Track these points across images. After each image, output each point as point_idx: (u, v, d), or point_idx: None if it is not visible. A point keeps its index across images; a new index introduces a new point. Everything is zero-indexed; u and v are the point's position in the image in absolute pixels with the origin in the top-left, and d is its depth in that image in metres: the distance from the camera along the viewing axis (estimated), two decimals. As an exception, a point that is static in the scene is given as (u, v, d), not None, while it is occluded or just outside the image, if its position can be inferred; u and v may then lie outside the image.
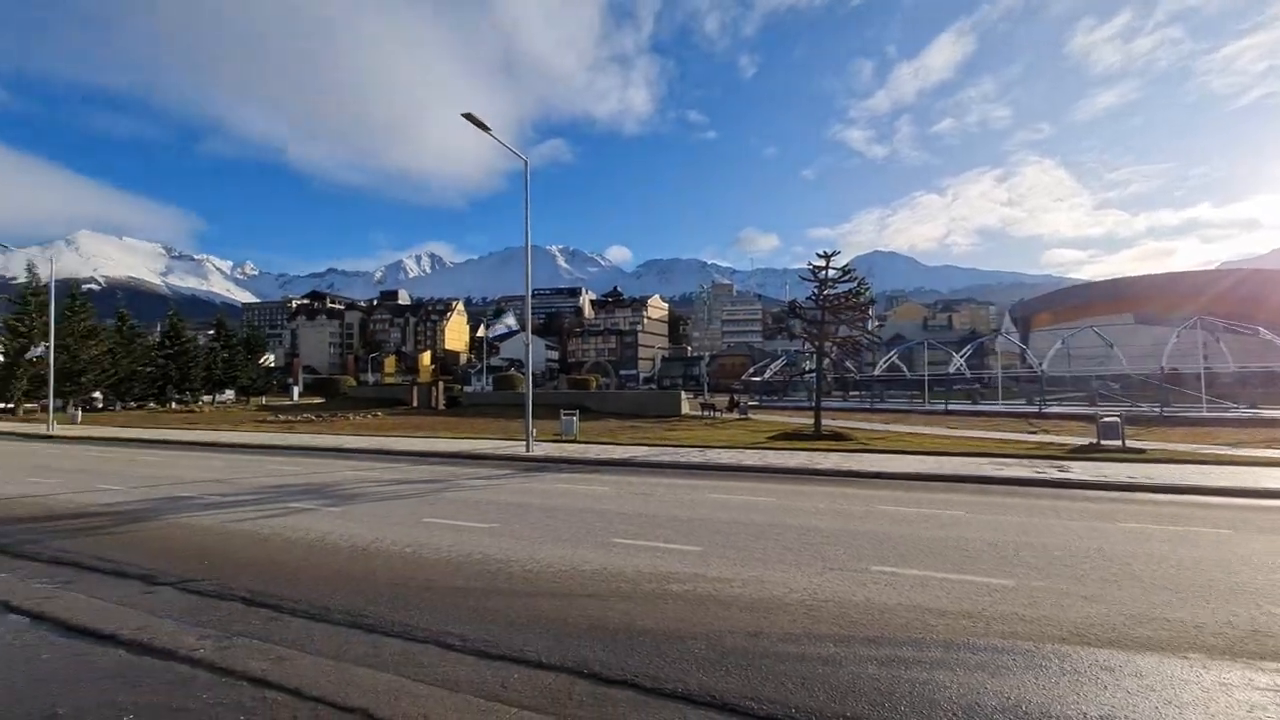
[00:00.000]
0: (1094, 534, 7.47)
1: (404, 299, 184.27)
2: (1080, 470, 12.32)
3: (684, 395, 34.79)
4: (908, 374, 43.53)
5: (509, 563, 6.43)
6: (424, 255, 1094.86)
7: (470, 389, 53.15)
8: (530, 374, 19.62)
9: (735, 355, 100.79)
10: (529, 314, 20.25)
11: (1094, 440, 15.66)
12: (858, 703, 3.57)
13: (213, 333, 60.27)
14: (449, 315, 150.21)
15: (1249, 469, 12.22)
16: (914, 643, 4.36)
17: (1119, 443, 15.12)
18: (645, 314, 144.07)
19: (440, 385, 43.25)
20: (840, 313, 20.05)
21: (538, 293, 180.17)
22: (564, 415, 21.42)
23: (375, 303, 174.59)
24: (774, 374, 48.46)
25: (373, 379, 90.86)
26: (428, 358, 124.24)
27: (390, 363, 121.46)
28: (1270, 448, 15.03)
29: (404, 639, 4.53)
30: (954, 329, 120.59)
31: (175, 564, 6.55)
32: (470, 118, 15.70)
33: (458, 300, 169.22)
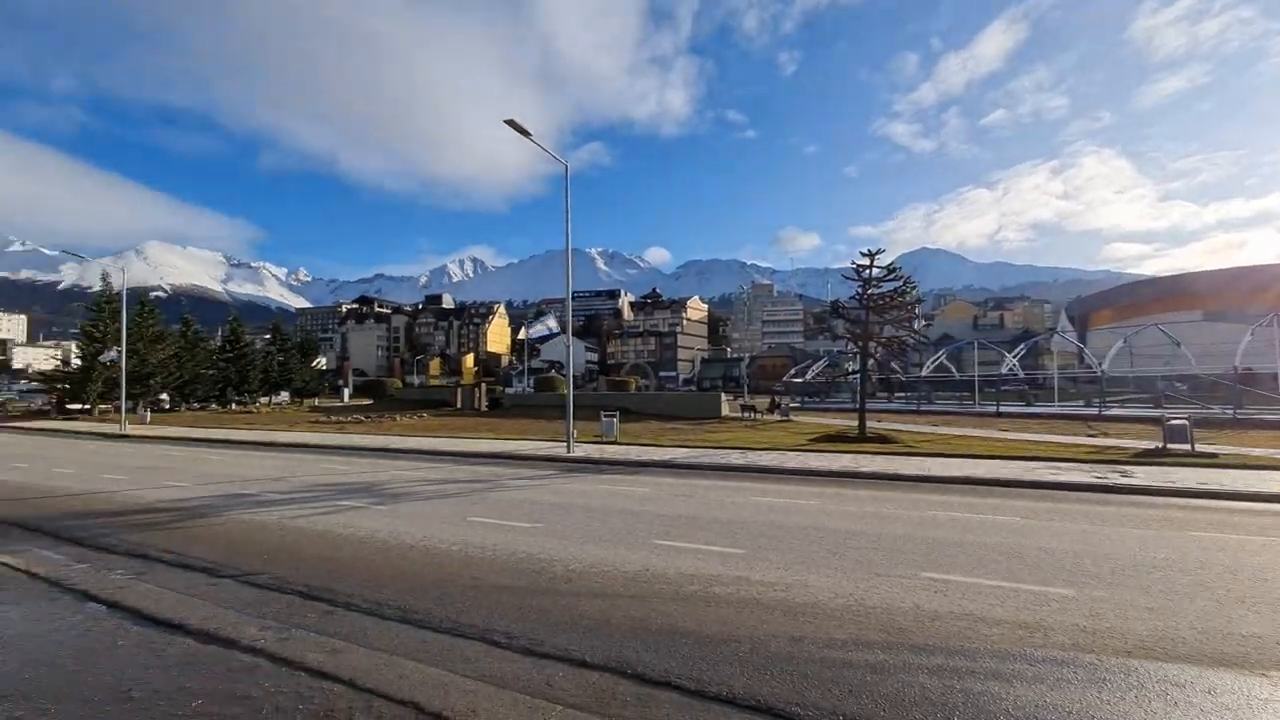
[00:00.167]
0: (1161, 543, 7.09)
1: (448, 303, 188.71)
2: (1145, 476, 11.70)
3: (724, 397, 34.53)
4: (957, 375, 42.23)
5: (552, 562, 6.51)
6: (466, 260, 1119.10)
7: (511, 390, 54.03)
8: (571, 376, 19.82)
9: (776, 356, 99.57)
10: (569, 316, 20.46)
11: (1160, 444, 14.86)
12: (908, 712, 3.49)
13: (269, 337, 62.92)
14: (491, 318, 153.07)
15: (1335, 476, 11.39)
16: (967, 652, 4.22)
17: (1188, 447, 14.31)
18: (684, 315, 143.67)
19: (483, 387, 44.09)
20: (885, 312, 19.58)
21: (577, 295, 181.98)
22: (604, 417, 21.55)
23: (420, 307, 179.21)
24: (816, 375, 47.68)
25: (418, 381, 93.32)
26: (470, 360, 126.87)
27: (435, 365, 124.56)
28: (1359, 453, 13.98)
29: (452, 635, 4.64)
30: (1006, 328, 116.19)
31: (236, 558, 6.87)
32: (512, 124, 15.97)
33: (499, 303, 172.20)
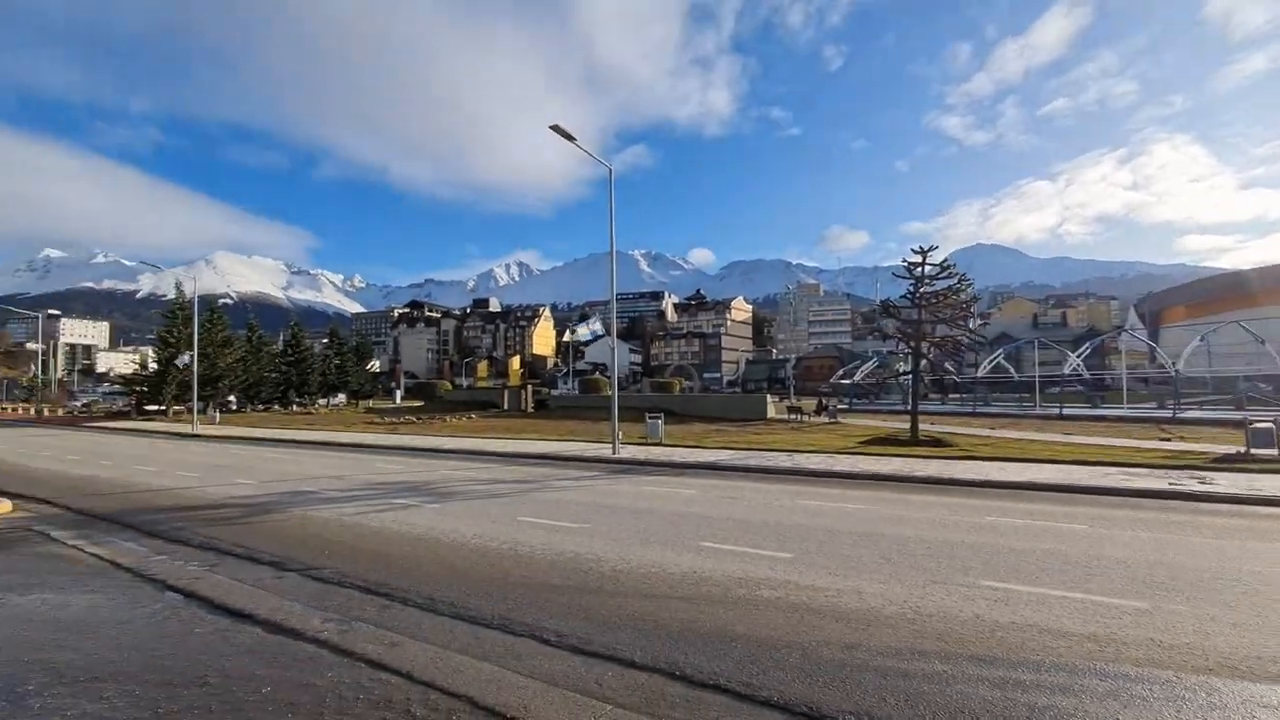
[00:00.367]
0: (1245, 554, 6.63)
1: (494, 306, 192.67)
2: (1227, 483, 10.95)
3: (769, 398, 34.09)
4: (1016, 375, 40.53)
5: (600, 562, 6.56)
6: (512, 264, 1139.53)
7: (557, 392, 54.73)
8: (615, 378, 19.94)
9: (823, 357, 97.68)
10: (614, 319, 20.59)
11: (1243, 449, 13.89)
12: (968, 725, 3.36)
13: (326, 341, 65.57)
14: (536, 321, 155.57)
15: None
16: (1031, 665, 4.05)
17: (1274, 451, 13.33)
18: (728, 316, 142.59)
19: (529, 389, 44.82)
20: (938, 311, 18.95)
21: (621, 297, 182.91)
22: (649, 419, 21.59)
23: (468, 311, 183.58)
24: (865, 376, 46.53)
25: (466, 383, 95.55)
26: (517, 362, 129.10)
27: (482, 367, 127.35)
28: None
29: (503, 631, 4.73)
30: (1069, 326, 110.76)
31: (300, 552, 7.19)
32: (557, 129, 16.20)
33: (544, 306, 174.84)
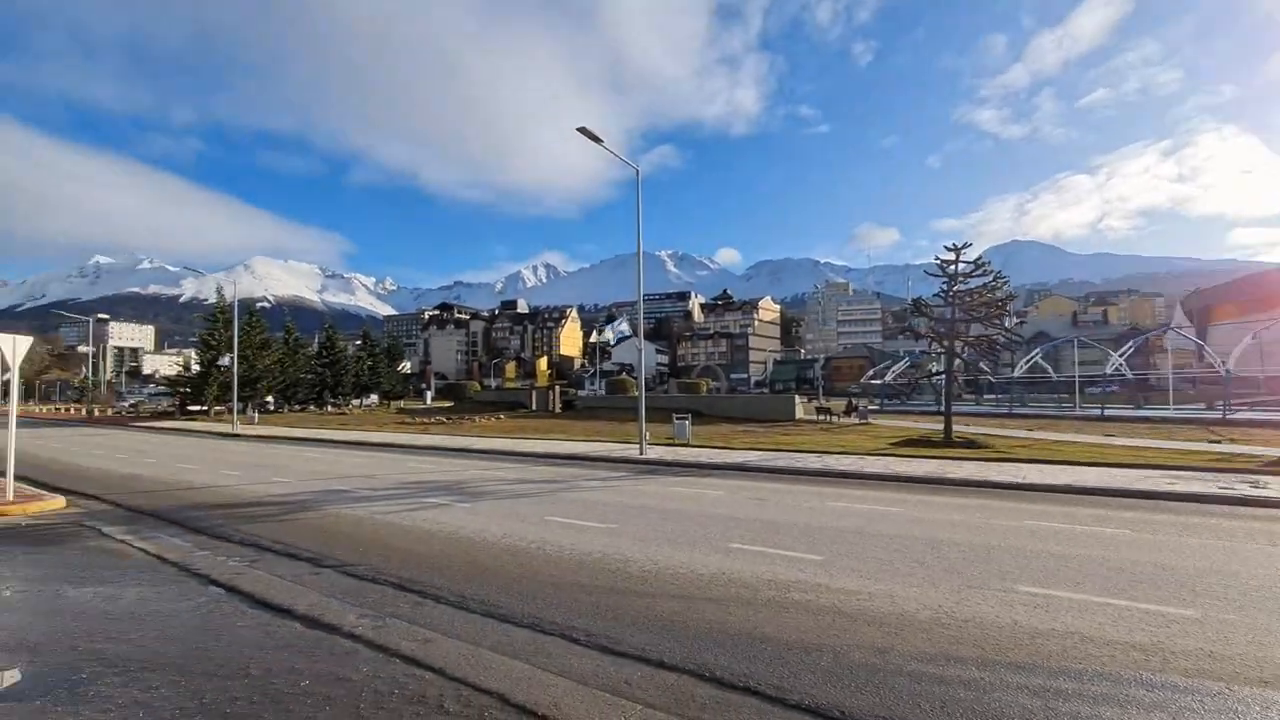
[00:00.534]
0: (1304, 562, 6.32)
1: (522, 308, 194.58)
2: (1281, 487, 10.47)
3: (798, 399, 33.73)
4: (1054, 375, 39.39)
5: (628, 563, 6.57)
6: (540, 265, 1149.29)
7: (584, 393, 55.00)
8: (643, 379, 19.94)
9: (852, 357, 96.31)
10: (640, 319, 20.63)
11: (1299, 452, 13.26)
12: (1007, 734, 3.27)
13: (359, 343, 67.07)
14: (563, 322, 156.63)
15: None
16: (1073, 673, 3.92)
17: (1334, 455, 12.70)
18: (756, 316, 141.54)
19: (556, 389, 45.17)
20: (972, 309, 18.53)
21: (647, 298, 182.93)
22: (676, 419, 21.56)
23: (496, 312, 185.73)
24: (896, 376, 45.71)
25: (495, 384, 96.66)
26: (544, 363, 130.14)
27: (510, 368, 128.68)
28: None
29: (532, 630, 4.77)
30: (1110, 324, 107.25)
31: (336, 549, 7.36)
32: (584, 131, 16.30)
33: (571, 308, 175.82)
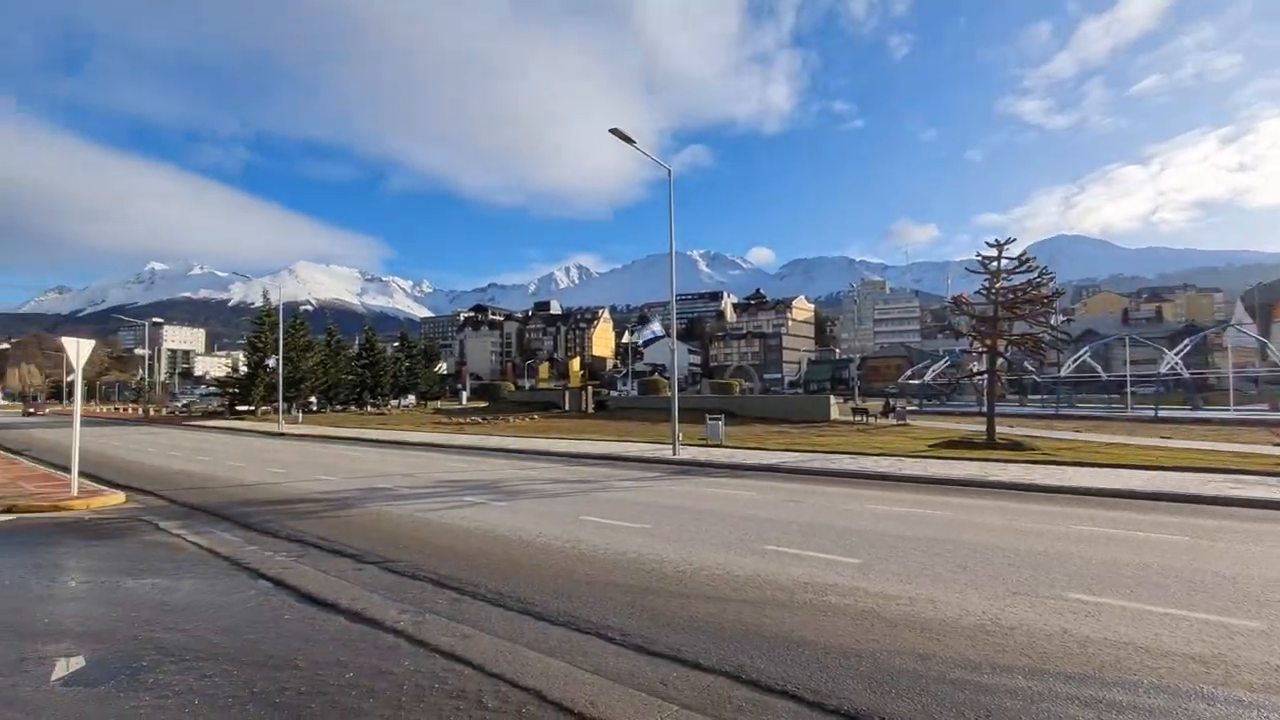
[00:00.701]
0: (1382, 573, 5.94)
1: (555, 309, 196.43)
2: (1356, 493, 9.86)
3: (832, 399, 33.22)
4: (1104, 375, 37.87)
5: (663, 563, 6.56)
6: (572, 267, 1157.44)
7: (616, 393, 55.20)
8: (675, 379, 19.91)
9: (889, 357, 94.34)
10: (674, 320, 20.61)
11: (1376, 455, 12.47)
12: (1057, 746, 3.16)
13: (397, 345, 68.68)
14: (596, 323, 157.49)
15: None
16: (1127, 684, 3.76)
17: None
18: (789, 316, 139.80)
19: (589, 390, 45.46)
20: (1016, 307, 17.95)
21: (680, 298, 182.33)
22: (709, 420, 21.47)
23: (530, 314, 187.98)
24: (936, 376, 44.61)
25: (528, 384, 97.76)
26: (577, 364, 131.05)
27: (544, 369, 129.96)
28: None
29: (568, 628, 4.81)
30: (1164, 321, 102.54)
31: (377, 546, 7.54)
32: (617, 133, 16.37)
33: (603, 309, 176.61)
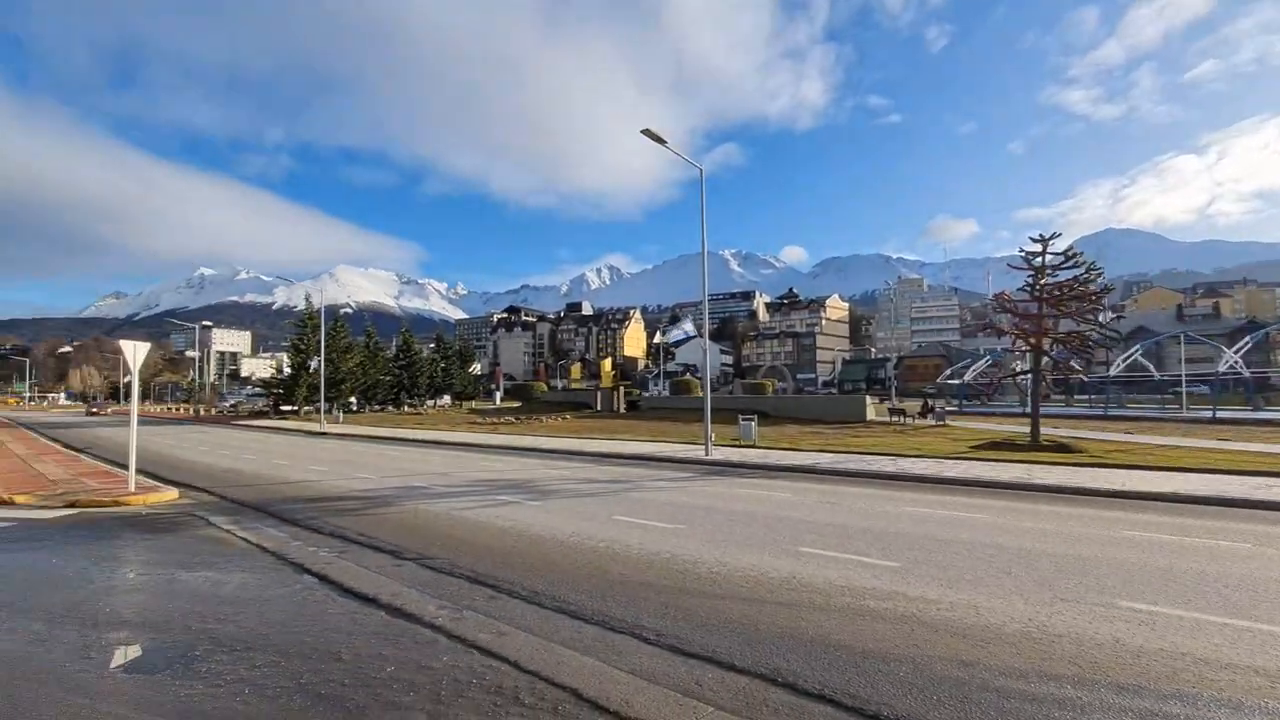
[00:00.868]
0: None
1: (587, 310, 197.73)
2: None
3: (868, 399, 32.60)
4: (1156, 374, 36.33)
5: (696, 564, 6.54)
6: (604, 268, 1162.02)
7: (648, 394, 55.22)
8: (707, 379, 19.83)
9: (927, 356, 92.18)
10: (705, 320, 20.52)
11: None
12: (1110, 759, 3.04)
13: (433, 346, 70.03)
14: (627, 324, 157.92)
15: None
16: (1185, 697, 3.60)
17: None
18: (823, 315, 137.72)
19: (621, 390, 45.60)
20: (1062, 304, 17.33)
21: (711, 298, 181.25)
22: (742, 420, 21.32)
23: (562, 314, 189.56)
24: (976, 376, 43.40)
25: (561, 384, 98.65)
26: (609, 364, 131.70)
27: (576, 369, 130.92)
28: None
29: (602, 627, 4.83)
30: (1222, 317, 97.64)
31: (415, 543, 7.70)
32: (649, 133, 16.38)
33: (635, 309, 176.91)
